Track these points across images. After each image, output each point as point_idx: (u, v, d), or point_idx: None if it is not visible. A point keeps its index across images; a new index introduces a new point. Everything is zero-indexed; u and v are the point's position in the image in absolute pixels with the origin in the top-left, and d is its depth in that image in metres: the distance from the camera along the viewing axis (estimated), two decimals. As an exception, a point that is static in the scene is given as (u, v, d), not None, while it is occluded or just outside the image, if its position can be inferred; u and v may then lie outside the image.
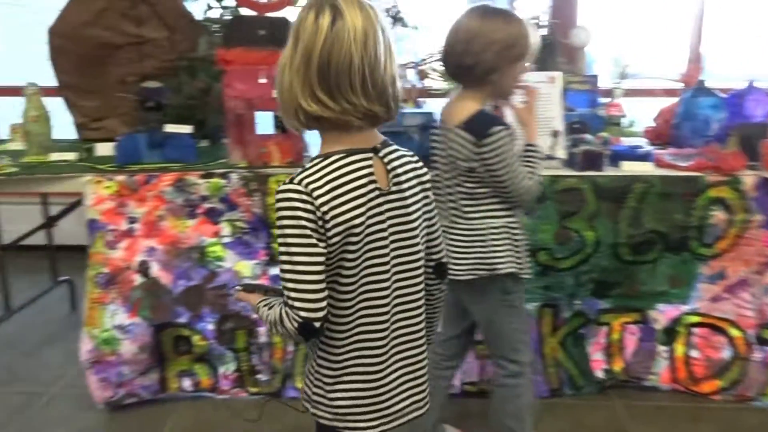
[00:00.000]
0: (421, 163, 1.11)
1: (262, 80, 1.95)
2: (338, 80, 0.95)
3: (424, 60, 2.70)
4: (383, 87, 0.97)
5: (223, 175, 1.95)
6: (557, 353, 2.10)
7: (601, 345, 2.13)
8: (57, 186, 2.04)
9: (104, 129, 2.48)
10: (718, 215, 1.97)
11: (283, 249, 0.96)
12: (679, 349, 2.11)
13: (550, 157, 2.06)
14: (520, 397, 1.66)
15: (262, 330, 2.05)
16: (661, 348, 2.12)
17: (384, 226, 1.01)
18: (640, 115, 2.64)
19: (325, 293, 0.97)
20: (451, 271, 1.45)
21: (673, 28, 3.33)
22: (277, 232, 0.97)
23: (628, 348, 2.13)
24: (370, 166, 0.99)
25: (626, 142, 2.30)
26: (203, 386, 2.08)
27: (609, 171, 2.01)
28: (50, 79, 2.43)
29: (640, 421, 2.01)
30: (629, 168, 2.01)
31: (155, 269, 1.97)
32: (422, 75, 2.57)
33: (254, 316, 2.03)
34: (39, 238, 2.58)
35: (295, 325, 0.96)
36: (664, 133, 2.41)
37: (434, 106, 2.56)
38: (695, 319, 2.09)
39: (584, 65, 2.65)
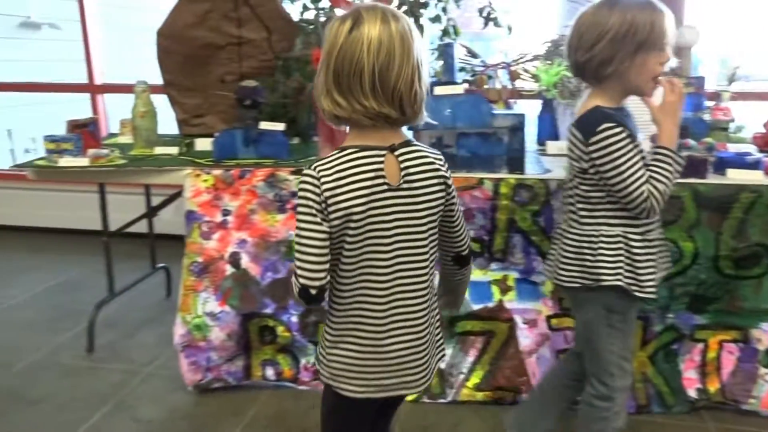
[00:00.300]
0: (443, 164, 1.18)
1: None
2: (350, 83, 1.06)
3: (515, 61, 2.66)
4: (395, 92, 1.06)
5: (313, 172, 2.00)
6: (646, 368, 2.00)
7: (695, 363, 2.00)
8: (160, 178, 2.17)
9: (204, 125, 2.61)
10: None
11: (296, 224, 1.12)
12: (785, 373, 1.96)
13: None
14: (607, 420, 1.55)
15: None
16: (764, 371, 1.97)
17: (388, 217, 1.11)
18: (749, 120, 2.47)
19: (325, 266, 1.11)
20: (557, 277, 1.50)
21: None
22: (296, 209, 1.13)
23: (726, 368, 1.99)
24: (380, 162, 1.10)
25: (733, 148, 2.16)
26: (285, 376, 2.15)
27: (713, 179, 1.89)
28: (156, 78, 2.58)
29: (736, 447, 1.88)
30: (736, 176, 1.88)
31: (245, 261, 2.06)
32: (513, 76, 2.53)
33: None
34: (141, 227, 2.75)
35: (296, 290, 1.12)
36: (777, 140, 2.24)
37: (525, 108, 2.52)
38: (805, 342, 1.93)
39: (690, 66, 2.51)
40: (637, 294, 1.44)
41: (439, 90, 1.97)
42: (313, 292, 1.12)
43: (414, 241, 1.14)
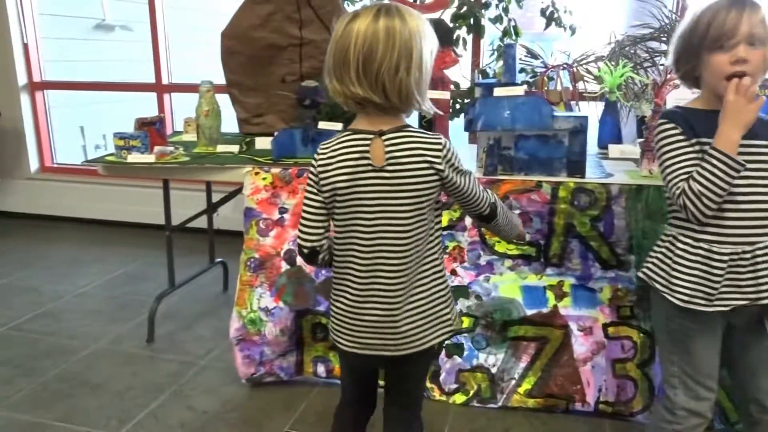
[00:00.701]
0: (438, 150, 1.24)
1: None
2: (341, 71, 1.20)
3: (577, 61, 2.60)
4: (378, 79, 1.18)
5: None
6: (710, 383, 1.92)
7: (763, 380, 1.90)
8: (221, 175, 2.23)
9: (264, 124, 2.67)
10: None
11: None
12: None
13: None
14: None
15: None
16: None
17: (371, 195, 1.24)
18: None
19: (317, 230, 1.30)
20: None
21: None
22: None
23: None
24: (367, 145, 1.23)
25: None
26: (335, 374, 2.17)
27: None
28: (220, 77, 2.66)
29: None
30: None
31: (300, 258, 2.09)
32: (575, 77, 2.47)
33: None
34: (201, 222, 2.83)
35: (296, 249, 1.30)
36: None
37: (587, 110, 2.46)
38: None
39: None
40: (668, 298, 1.38)
41: (498, 91, 1.95)
42: (305, 251, 1.32)
43: (396, 219, 1.25)
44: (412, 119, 1.85)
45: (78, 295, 3.03)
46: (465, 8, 2.81)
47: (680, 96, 2.02)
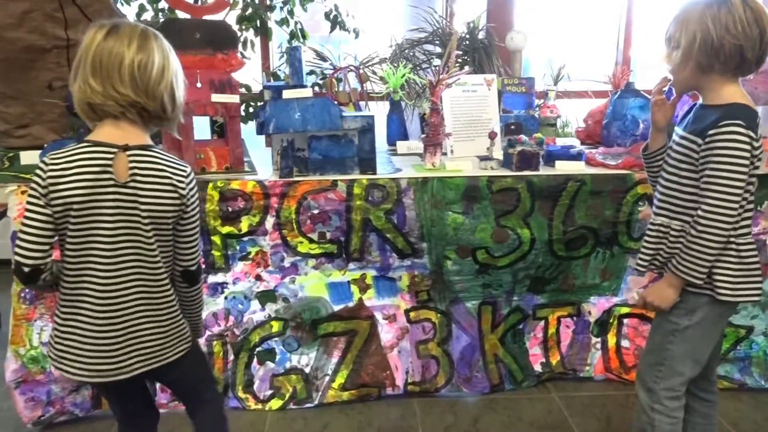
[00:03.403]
0: (184, 177, 1.27)
1: (199, 84, 1.91)
2: (108, 71, 1.21)
3: (363, 63, 2.72)
4: (157, 91, 1.24)
5: (158, 182, 1.89)
6: (497, 350, 2.15)
7: (538, 339, 2.19)
8: (-22, 196, 1.94)
9: (30, 136, 2.36)
10: (645, 210, 2.05)
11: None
12: (611, 339, 2.20)
13: (487, 158, 2.11)
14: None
15: (201, 341, 2.00)
16: (595, 340, 2.20)
17: (112, 211, 1.21)
18: (573, 117, 2.74)
19: (42, 248, 1.20)
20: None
21: (604, 32, 3.47)
22: None
23: (564, 341, 2.20)
24: (110, 158, 1.20)
25: (560, 142, 2.38)
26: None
27: (544, 170, 2.07)
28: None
29: (576, 412, 2.07)
30: (562, 167, 2.08)
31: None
32: (362, 78, 2.58)
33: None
34: (-40, 252, 2.44)
35: (13, 267, 1.22)
36: (594, 133, 2.51)
37: (375, 109, 2.59)
38: (625, 310, 2.18)
39: (521, 68, 2.73)
40: (720, 299, 1.42)
41: (288, 93, 1.96)
42: (26, 269, 1.20)
43: (139, 237, 1.24)
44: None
45: None
46: (250, 10, 2.79)
47: (453, 95, 2.22)
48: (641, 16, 3.37)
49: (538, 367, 2.19)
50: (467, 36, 2.80)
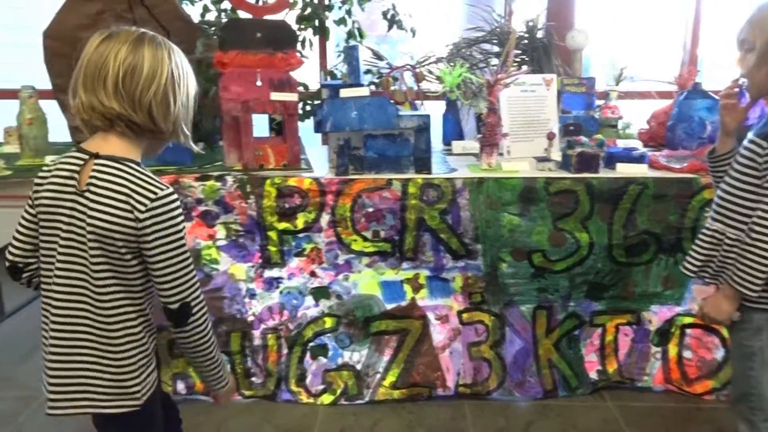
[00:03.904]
0: (144, 197, 1.10)
1: (258, 83, 1.95)
2: (94, 83, 1.12)
3: (420, 63, 2.71)
4: (142, 101, 1.12)
5: (219, 178, 1.95)
6: (551, 355, 2.11)
7: (595, 346, 2.13)
8: (51, 189, 2.03)
9: (99, 132, 2.47)
10: (712, 217, 1.97)
11: None
12: (673, 350, 2.12)
13: (545, 159, 2.07)
14: None
15: (256, 333, 2.05)
16: (655, 349, 2.13)
17: (67, 219, 1.12)
18: (635, 118, 2.66)
19: (22, 245, 1.20)
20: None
21: (670, 31, 3.34)
22: None
23: (622, 349, 2.13)
24: (78, 165, 1.13)
25: (622, 144, 2.31)
26: (197, 389, 2.07)
27: (604, 173, 2.01)
28: (43, 82, 2.42)
29: (633, 423, 2.01)
30: (624, 170, 2.02)
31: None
32: (418, 78, 2.58)
33: (249, 319, 2.04)
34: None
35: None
36: (658, 135, 2.42)
37: (431, 109, 2.58)
38: (688, 320, 2.09)
39: (581, 68, 2.66)
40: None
41: (345, 92, 1.98)
42: (7, 264, 1.22)
43: (81, 252, 1.12)
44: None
45: None
46: (309, 10, 2.82)
47: (511, 95, 2.19)
48: (710, 14, 3.23)
49: (593, 375, 2.14)
50: (526, 35, 2.75)
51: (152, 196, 1.10)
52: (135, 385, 1.17)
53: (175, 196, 1.14)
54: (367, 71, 2.87)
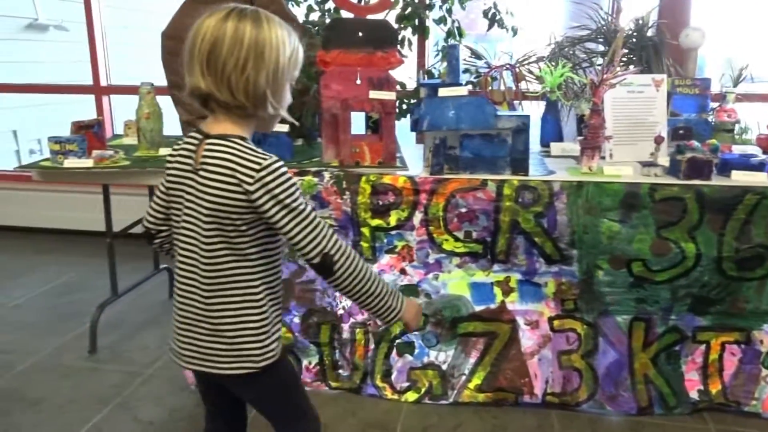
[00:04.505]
0: (249, 169, 1.14)
1: (358, 81, 1.99)
2: (189, 63, 1.16)
3: (519, 62, 2.66)
4: (224, 75, 1.13)
5: (316, 174, 2.00)
6: (648, 370, 2.00)
7: (697, 364, 2.00)
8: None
9: (208, 126, 2.61)
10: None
11: None
12: (788, 375, 1.95)
13: (651, 164, 1.97)
14: None
15: (345, 326, 2.09)
16: (766, 372, 1.96)
17: (187, 196, 1.21)
18: (754, 122, 2.47)
19: (156, 215, 1.31)
20: None
21: (795, 29, 3.08)
22: None
23: (728, 369, 1.99)
24: (195, 146, 1.20)
25: (738, 150, 2.15)
26: (289, 376, 2.15)
27: (717, 180, 1.88)
28: (161, 79, 2.59)
29: (739, 450, 1.87)
30: (740, 178, 1.88)
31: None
32: (518, 77, 2.53)
33: (339, 312, 2.08)
34: (145, 227, 2.76)
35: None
36: (781, 142, 2.24)
37: (529, 109, 2.52)
38: (808, 343, 1.92)
39: (695, 68, 2.51)
40: None
41: (443, 91, 1.98)
42: (143, 229, 1.34)
43: (198, 228, 1.19)
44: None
45: (14, 307, 2.90)
46: (409, 9, 2.84)
47: (617, 96, 2.10)
48: None
49: (694, 394, 2.01)
50: (635, 33, 2.62)
51: (256, 167, 1.14)
52: (254, 348, 1.22)
53: (280, 162, 1.16)
54: (466, 70, 2.85)
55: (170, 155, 1.26)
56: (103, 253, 2.55)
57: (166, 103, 2.48)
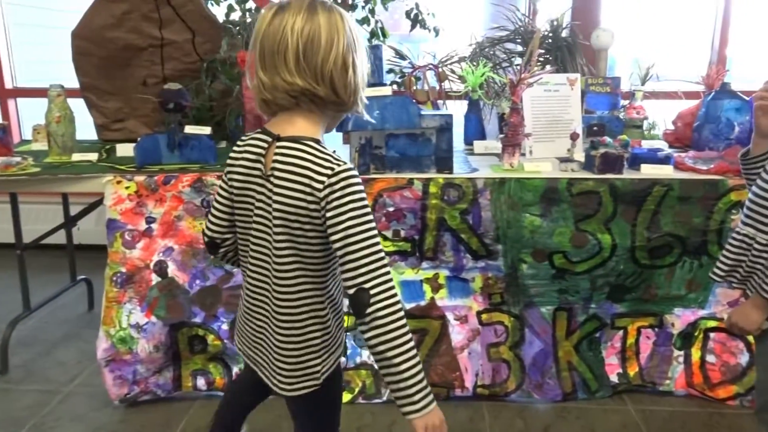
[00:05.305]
0: (322, 174, 1.06)
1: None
2: (274, 60, 1.08)
3: (442, 62, 2.70)
4: (324, 72, 1.08)
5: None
6: (571, 357, 2.09)
7: (616, 349, 2.11)
8: (78, 186, 2.07)
9: (125, 130, 2.51)
10: (738, 219, 1.93)
11: None
12: (695, 353, 2.09)
13: (568, 160, 2.05)
14: None
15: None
16: (677, 353, 2.09)
17: (256, 203, 1.15)
18: (661, 118, 2.62)
19: (218, 222, 1.26)
20: None
21: (697, 29, 3.29)
22: None
23: (644, 352, 2.11)
24: (263, 148, 1.13)
25: (647, 145, 2.28)
26: (217, 385, 2.10)
27: (628, 174, 1.99)
28: (72, 81, 2.47)
29: (653, 427, 1.98)
30: (649, 171, 1.99)
31: (172, 269, 1.99)
32: (441, 77, 2.57)
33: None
34: (59, 238, 2.62)
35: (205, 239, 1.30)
36: (684, 136, 2.38)
37: (453, 108, 2.57)
38: (712, 323, 2.06)
39: (606, 67, 2.63)
40: None
41: (368, 91, 1.96)
42: (205, 239, 1.29)
43: (267, 235, 1.13)
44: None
45: None
46: (331, 9, 2.83)
47: (534, 95, 2.18)
48: (739, 12, 3.16)
49: (614, 378, 2.11)
50: (550, 34, 2.73)
51: (329, 172, 1.05)
52: (316, 365, 1.17)
53: (355, 172, 1.08)
54: (390, 71, 2.87)
55: (231, 157, 1.19)
56: (13, 266, 2.40)
57: (78, 106, 2.37)
